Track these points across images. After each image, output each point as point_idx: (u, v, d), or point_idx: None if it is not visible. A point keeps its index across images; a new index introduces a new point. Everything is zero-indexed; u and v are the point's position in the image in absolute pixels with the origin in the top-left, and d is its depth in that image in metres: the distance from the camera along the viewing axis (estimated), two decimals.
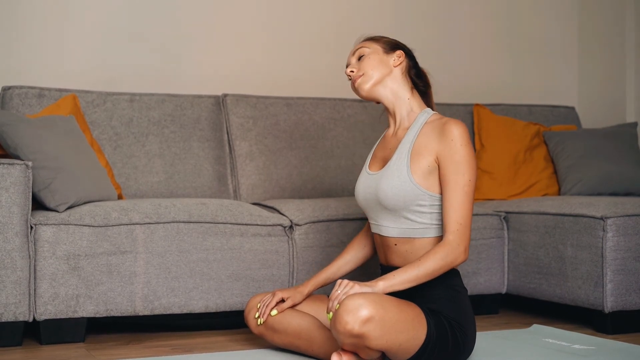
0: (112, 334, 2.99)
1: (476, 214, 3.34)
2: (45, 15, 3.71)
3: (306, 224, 3.13)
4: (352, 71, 2.52)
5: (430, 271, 2.30)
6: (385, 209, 2.43)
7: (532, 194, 3.87)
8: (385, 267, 2.50)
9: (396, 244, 2.44)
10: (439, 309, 2.33)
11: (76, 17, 3.76)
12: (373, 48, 2.52)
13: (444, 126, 2.39)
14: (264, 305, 2.59)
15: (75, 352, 2.69)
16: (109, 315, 2.85)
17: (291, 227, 3.13)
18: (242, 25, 4.05)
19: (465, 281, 3.21)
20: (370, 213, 2.52)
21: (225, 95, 3.75)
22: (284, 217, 3.13)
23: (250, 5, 4.07)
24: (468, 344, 2.37)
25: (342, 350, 2.27)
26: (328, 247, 3.14)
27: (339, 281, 2.28)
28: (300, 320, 2.54)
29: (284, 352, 2.63)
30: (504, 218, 3.45)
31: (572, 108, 4.40)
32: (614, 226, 3.01)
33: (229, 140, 3.70)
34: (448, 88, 4.36)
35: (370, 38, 2.57)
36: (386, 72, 2.50)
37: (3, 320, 2.71)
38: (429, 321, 2.28)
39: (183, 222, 2.93)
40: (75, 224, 2.80)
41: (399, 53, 2.52)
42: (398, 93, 2.51)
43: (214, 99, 3.73)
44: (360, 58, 2.53)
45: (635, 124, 4.11)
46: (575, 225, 3.12)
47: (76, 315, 2.80)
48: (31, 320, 2.77)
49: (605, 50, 4.54)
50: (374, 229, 2.52)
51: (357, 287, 2.24)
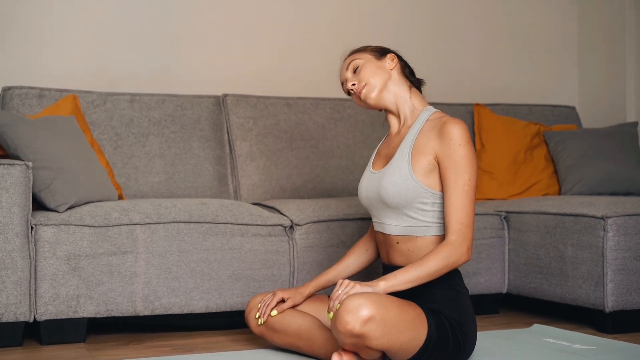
0: (113, 334, 2.99)
1: (477, 214, 3.34)
2: (45, 15, 3.71)
3: (307, 224, 3.12)
4: (354, 84, 2.52)
5: (432, 271, 2.30)
6: (387, 207, 2.43)
7: (533, 194, 3.87)
8: (387, 266, 2.50)
9: (398, 242, 2.44)
10: (440, 309, 2.33)
11: (76, 18, 3.76)
12: (364, 58, 2.53)
13: (443, 126, 2.39)
14: (265, 305, 2.59)
15: (75, 353, 2.69)
16: (110, 315, 2.85)
17: (292, 227, 3.13)
18: (243, 25, 4.05)
19: (465, 281, 3.21)
20: (373, 211, 2.52)
21: (225, 95, 3.75)
22: (285, 217, 3.13)
23: (250, 5, 4.07)
24: (469, 344, 2.37)
25: (343, 350, 2.27)
26: (328, 247, 3.14)
27: (340, 281, 2.28)
28: (300, 320, 2.54)
29: (285, 352, 2.63)
30: (505, 218, 3.44)
31: (573, 108, 4.40)
32: (615, 226, 3.01)
33: (230, 140, 3.70)
34: (448, 88, 4.36)
35: (356, 50, 2.58)
36: (386, 77, 2.50)
37: (3, 320, 2.71)
38: (430, 321, 2.28)
39: (183, 222, 2.93)
40: (75, 225, 2.80)
41: (391, 56, 2.53)
42: (400, 94, 2.51)
43: (214, 99, 3.73)
44: (355, 70, 2.53)
45: (635, 124, 4.10)
46: (575, 225, 3.12)
47: (77, 315, 2.80)
48: (32, 320, 2.77)
49: (605, 50, 4.54)
50: (377, 227, 2.52)
51: (358, 287, 2.24)
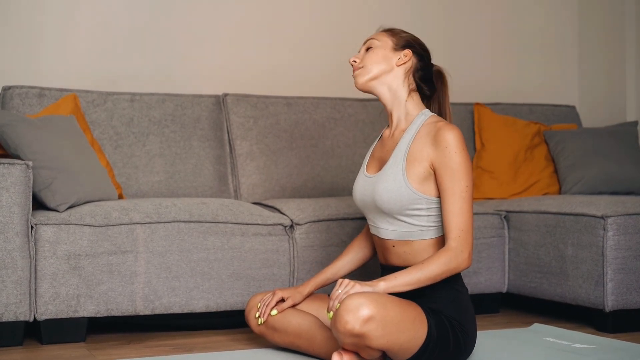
0: (113, 334, 2.99)
1: (477, 213, 3.34)
2: (45, 15, 3.70)
3: (307, 224, 3.12)
4: (355, 61, 2.50)
5: (432, 275, 2.29)
6: (382, 212, 2.43)
7: (533, 193, 3.87)
8: (385, 267, 2.50)
9: (394, 246, 2.44)
10: (440, 309, 2.33)
11: (76, 17, 3.76)
12: (384, 42, 2.48)
13: (438, 132, 2.36)
14: (264, 304, 2.59)
15: (76, 352, 2.69)
16: (110, 315, 2.85)
17: (292, 227, 3.13)
18: (243, 24, 4.05)
19: (465, 280, 3.21)
20: (368, 215, 2.51)
21: (225, 94, 3.75)
22: (285, 217, 3.13)
23: (250, 4, 4.07)
24: (469, 344, 2.37)
25: (343, 349, 2.27)
26: (328, 247, 3.14)
27: (340, 280, 2.27)
28: (300, 319, 2.54)
29: (285, 352, 2.63)
30: (505, 217, 3.44)
31: (573, 107, 4.40)
32: (615, 225, 3.01)
33: (230, 139, 3.70)
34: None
35: (387, 30, 2.53)
36: (386, 69, 2.47)
37: (4, 320, 2.72)
38: (430, 321, 2.28)
39: (184, 222, 2.93)
40: (75, 224, 2.80)
41: (406, 52, 2.47)
42: (396, 92, 2.48)
43: (215, 99, 3.73)
44: (368, 49, 2.50)
45: (635, 123, 4.10)
46: (575, 224, 3.12)
47: (77, 315, 2.80)
48: (32, 320, 2.77)
49: (605, 49, 4.54)
50: (373, 231, 2.52)
51: (358, 287, 2.24)
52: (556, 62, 4.69)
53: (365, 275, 3.02)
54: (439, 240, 2.40)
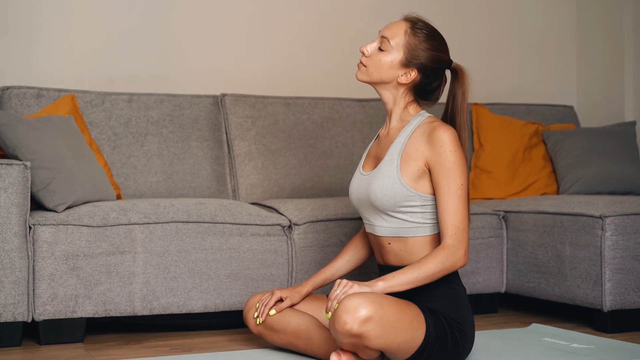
0: (111, 334, 2.99)
1: (475, 213, 3.34)
2: (43, 15, 3.70)
3: (305, 224, 3.12)
4: (364, 54, 2.44)
5: (430, 274, 2.30)
6: (376, 209, 2.43)
7: (531, 193, 3.87)
8: (382, 267, 2.50)
9: (390, 243, 2.44)
10: (438, 309, 2.33)
11: (74, 17, 3.76)
12: (397, 49, 2.41)
13: (433, 132, 2.37)
14: (263, 304, 2.59)
15: (74, 353, 2.69)
16: (108, 315, 2.84)
17: (290, 227, 3.13)
18: (241, 25, 4.05)
19: (464, 280, 3.21)
20: (363, 213, 2.52)
21: (223, 95, 3.75)
22: (283, 217, 3.13)
23: (249, 5, 4.07)
24: (467, 344, 2.37)
25: (341, 350, 2.27)
26: (327, 247, 3.14)
27: (338, 281, 2.28)
28: (299, 319, 2.54)
29: (283, 352, 2.63)
30: (503, 217, 3.44)
31: (571, 107, 4.40)
32: (613, 225, 3.01)
33: (228, 140, 3.69)
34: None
35: (412, 27, 2.43)
36: (386, 80, 2.45)
37: (2, 320, 2.71)
38: (428, 321, 2.28)
39: (182, 222, 2.93)
40: (73, 224, 2.80)
41: (413, 72, 2.42)
42: (395, 98, 2.49)
43: (213, 99, 3.73)
44: (382, 44, 2.43)
45: (633, 123, 4.11)
46: (574, 224, 3.12)
47: (75, 315, 2.80)
48: (30, 320, 2.77)
49: (603, 49, 4.54)
50: (368, 229, 2.52)
51: (356, 287, 2.24)
52: (554, 62, 4.70)
53: (364, 275, 3.03)
54: (435, 237, 2.41)
